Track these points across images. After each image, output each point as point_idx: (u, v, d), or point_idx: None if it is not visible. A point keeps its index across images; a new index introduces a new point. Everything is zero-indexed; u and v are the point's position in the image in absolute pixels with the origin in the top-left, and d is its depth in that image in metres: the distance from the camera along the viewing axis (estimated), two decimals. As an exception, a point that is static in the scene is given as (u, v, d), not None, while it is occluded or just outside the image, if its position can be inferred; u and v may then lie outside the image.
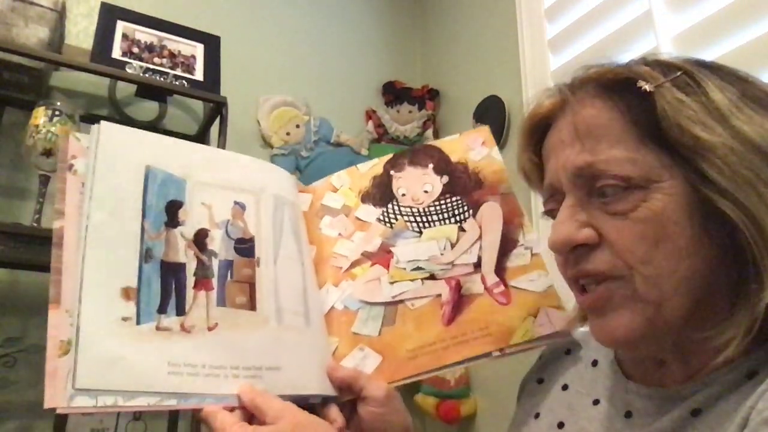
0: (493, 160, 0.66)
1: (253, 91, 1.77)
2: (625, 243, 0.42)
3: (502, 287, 0.59)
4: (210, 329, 0.51)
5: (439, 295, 0.59)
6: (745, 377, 0.41)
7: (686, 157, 0.41)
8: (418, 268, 0.61)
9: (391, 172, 0.67)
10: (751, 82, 0.44)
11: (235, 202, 0.58)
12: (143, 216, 0.52)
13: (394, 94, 1.99)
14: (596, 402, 0.53)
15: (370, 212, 0.65)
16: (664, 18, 1.13)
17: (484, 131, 0.68)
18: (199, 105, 1.64)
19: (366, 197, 0.66)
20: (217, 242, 0.55)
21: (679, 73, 0.43)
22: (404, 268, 0.61)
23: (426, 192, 0.65)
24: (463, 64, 1.89)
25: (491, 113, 1.65)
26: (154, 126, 1.58)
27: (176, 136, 1.60)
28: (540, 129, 0.51)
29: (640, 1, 1.18)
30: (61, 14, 1.35)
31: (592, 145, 0.44)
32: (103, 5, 1.43)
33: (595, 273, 0.44)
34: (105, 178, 0.51)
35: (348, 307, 0.60)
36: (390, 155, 0.68)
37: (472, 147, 0.67)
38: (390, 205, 0.65)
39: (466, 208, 0.63)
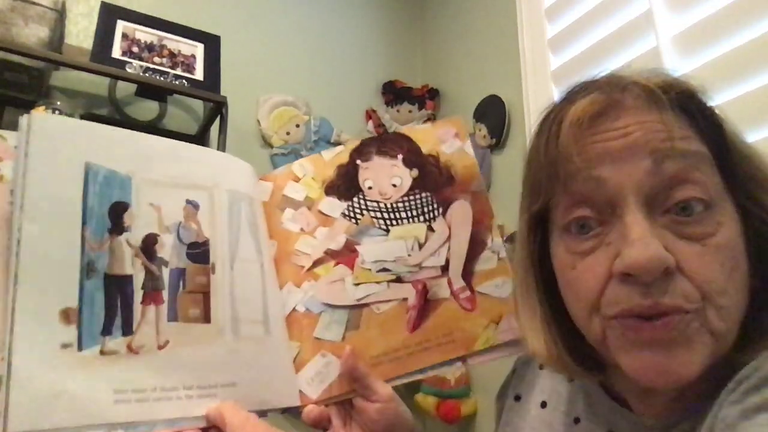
0: (465, 154, 0.61)
1: (253, 90, 1.77)
2: (706, 272, 0.37)
3: (468, 292, 0.57)
4: (160, 348, 0.46)
5: (405, 299, 0.56)
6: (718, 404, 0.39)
7: (746, 186, 0.40)
8: (384, 270, 0.58)
9: (358, 162, 0.61)
10: None
11: (187, 201, 0.52)
12: (83, 223, 0.45)
13: (394, 93, 1.99)
14: (577, 420, 0.51)
15: (335, 206, 0.60)
16: (664, 18, 1.13)
17: (458, 123, 0.63)
18: (199, 105, 1.64)
19: (330, 189, 0.60)
20: (167, 249, 0.49)
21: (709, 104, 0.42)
22: (370, 269, 0.58)
23: (394, 186, 0.60)
24: (463, 64, 1.89)
25: (491, 113, 1.65)
26: (154, 125, 1.58)
27: (176, 136, 1.62)
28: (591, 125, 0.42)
29: (640, 1, 1.18)
30: (61, 14, 1.35)
31: (672, 157, 0.38)
32: (103, 5, 1.43)
33: (672, 307, 0.36)
34: (37, 181, 0.44)
35: (310, 309, 0.56)
36: (357, 142, 0.62)
37: (443, 139, 0.62)
38: (356, 199, 0.60)
39: (435, 205, 0.59)
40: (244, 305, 0.52)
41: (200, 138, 1.60)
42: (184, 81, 1.42)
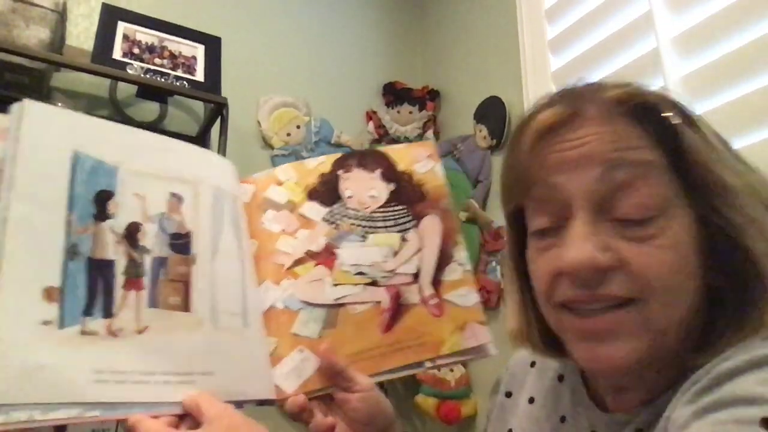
0: (436, 174, 0.66)
1: (253, 91, 1.77)
2: (650, 269, 0.40)
3: (436, 299, 0.60)
4: (140, 332, 0.47)
5: (379, 302, 0.60)
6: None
7: (703, 193, 0.42)
8: (361, 273, 0.61)
9: (339, 172, 0.65)
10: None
11: (172, 194, 0.53)
12: (69, 208, 0.46)
13: (395, 94, 1.99)
14: (563, 419, 0.54)
15: (316, 210, 0.63)
16: (664, 18, 1.13)
17: (430, 145, 0.69)
18: (199, 106, 1.64)
19: (313, 194, 0.64)
20: (150, 237, 0.51)
21: (691, 114, 0.44)
22: (348, 272, 0.61)
23: (372, 197, 0.65)
24: (464, 65, 1.89)
25: (491, 114, 1.65)
26: (154, 126, 1.58)
27: (177, 137, 1.61)
28: (549, 136, 0.45)
29: (640, 2, 1.18)
30: (61, 15, 1.35)
31: (621, 166, 0.41)
32: (104, 6, 1.43)
33: (612, 297, 0.41)
34: (27, 164, 0.45)
35: (289, 307, 0.58)
36: (339, 154, 0.67)
37: (418, 159, 0.67)
38: (336, 206, 0.64)
39: (409, 218, 0.64)
40: (223, 297, 0.53)
41: (201, 139, 1.60)
42: (184, 82, 1.42)
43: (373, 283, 0.60)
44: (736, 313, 0.40)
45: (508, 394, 0.63)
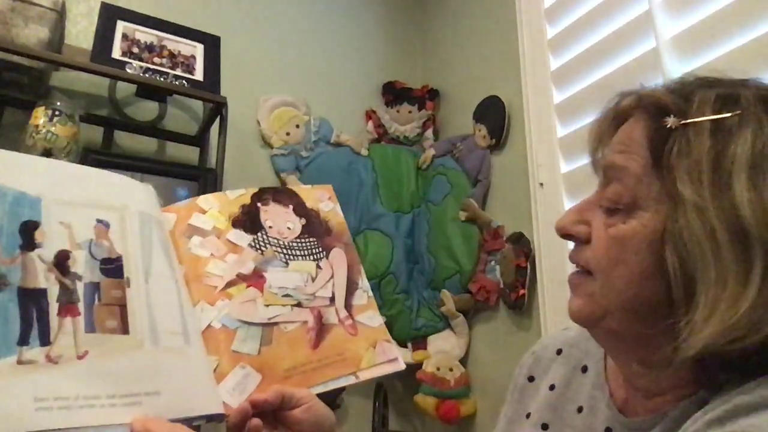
0: (337, 214, 0.75)
1: (253, 91, 1.77)
2: (597, 251, 0.48)
3: (350, 320, 0.68)
4: (80, 357, 0.47)
5: (306, 322, 0.65)
6: (696, 407, 0.42)
7: (670, 199, 0.43)
8: (288, 295, 0.66)
9: (258, 204, 0.71)
10: None
11: (98, 220, 0.54)
12: None
13: (394, 94, 1.99)
14: (580, 410, 0.55)
15: (242, 237, 0.68)
16: (664, 19, 1.13)
17: (329, 189, 0.77)
18: (199, 105, 1.64)
19: (237, 222, 0.69)
20: (80, 264, 0.51)
21: (730, 114, 0.43)
22: (276, 294, 0.65)
23: (289, 228, 0.71)
24: (463, 64, 1.89)
25: (491, 113, 1.65)
26: (153, 126, 1.58)
27: (176, 137, 1.62)
28: (614, 123, 0.53)
29: (640, 2, 1.18)
30: (61, 14, 1.35)
31: (621, 150, 0.48)
32: (103, 5, 1.43)
33: (577, 264, 0.51)
34: None
35: (226, 325, 0.61)
36: (255, 189, 0.72)
37: (321, 199, 0.76)
38: (259, 234, 0.69)
39: (320, 249, 0.71)
40: (162, 317, 0.54)
41: (200, 138, 1.60)
42: (184, 81, 1.42)
43: (299, 305, 0.66)
44: (670, 323, 0.42)
45: (531, 378, 0.65)
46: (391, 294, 1.68)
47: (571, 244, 0.52)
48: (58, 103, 1.24)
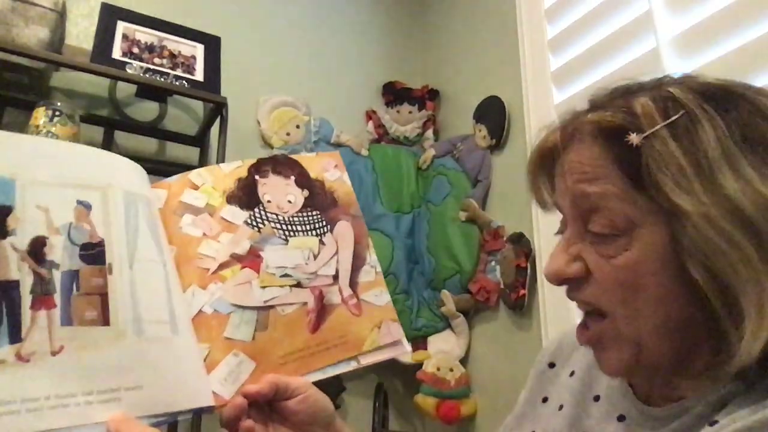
0: (344, 183, 0.69)
1: (253, 91, 1.77)
2: (607, 285, 0.45)
3: (355, 299, 0.63)
4: (54, 353, 0.44)
5: (305, 303, 0.61)
6: (718, 408, 0.42)
7: (669, 214, 0.42)
8: (286, 275, 0.62)
9: (256, 177, 0.66)
10: None
11: (78, 202, 0.50)
12: None
13: (394, 94, 1.99)
14: (597, 398, 0.55)
15: (237, 214, 0.63)
16: (664, 18, 1.13)
17: (336, 156, 0.72)
18: (199, 105, 1.64)
19: (231, 198, 0.64)
20: (58, 251, 0.47)
21: (679, 114, 0.42)
22: (273, 274, 0.61)
23: (290, 202, 0.66)
24: (463, 64, 1.89)
25: (491, 113, 1.65)
26: (154, 126, 1.58)
27: (176, 137, 1.62)
28: (550, 158, 0.52)
29: (640, 2, 1.18)
30: (61, 15, 1.35)
31: (590, 179, 0.45)
32: (104, 6, 1.43)
33: (586, 302, 0.47)
34: None
35: (218, 310, 0.57)
36: (253, 160, 0.67)
37: (326, 168, 0.70)
38: (257, 210, 0.64)
39: (324, 223, 0.66)
40: (147, 305, 0.50)
41: (200, 139, 1.60)
42: (184, 82, 1.42)
43: (298, 285, 0.62)
44: (711, 333, 0.41)
45: (551, 365, 0.64)
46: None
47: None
48: (59, 104, 1.24)
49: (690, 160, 0.41)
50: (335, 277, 0.64)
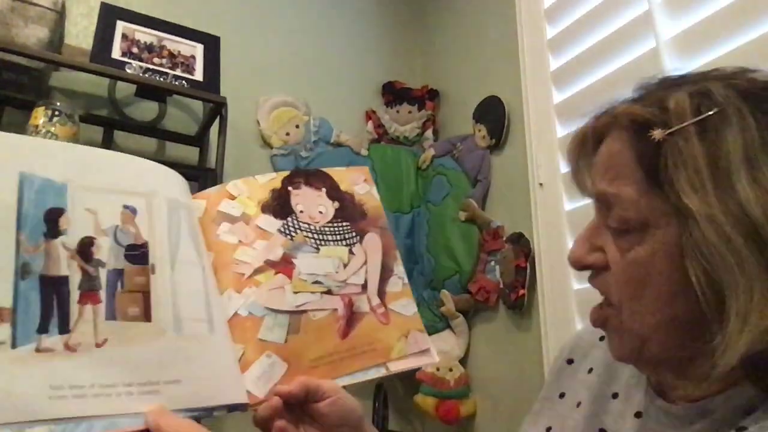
0: (372, 197, 0.72)
1: (252, 91, 1.77)
2: (619, 277, 0.46)
3: (383, 308, 0.66)
4: (98, 345, 0.47)
5: (336, 310, 0.63)
6: (744, 413, 0.42)
7: (677, 211, 0.42)
8: (317, 282, 0.64)
9: (289, 188, 0.69)
10: None
11: (125, 206, 0.54)
12: (18, 228, 0.47)
13: (394, 94, 1.99)
14: (615, 395, 0.55)
15: (271, 223, 0.66)
16: (664, 19, 1.13)
17: (365, 170, 0.75)
18: (198, 105, 1.64)
19: (266, 208, 0.67)
20: (104, 250, 0.51)
21: (710, 112, 0.41)
22: (305, 280, 0.64)
23: (321, 213, 0.69)
24: (463, 64, 1.89)
25: (491, 113, 1.65)
26: (153, 126, 1.58)
27: (176, 137, 1.62)
28: (589, 143, 0.52)
29: (640, 2, 1.18)
30: (60, 14, 1.35)
31: (611, 177, 0.47)
32: (103, 5, 1.43)
33: (600, 290, 0.48)
34: None
35: (253, 313, 0.60)
36: (286, 172, 0.71)
37: (356, 182, 0.73)
38: (289, 219, 0.67)
39: (354, 234, 0.69)
40: (186, 304, 0.53)
41: (200, 138, 1.60)
42: (183, 82, 1.42)
43: (329, 292, 0.64)
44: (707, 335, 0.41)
45: (570, 361, 0.65)
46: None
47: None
48: (58, 103, 1.24)
49: (708, 161, 0.40)
50: (364, 287, 0.66)
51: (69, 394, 0.43)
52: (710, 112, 0.41)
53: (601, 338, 0.63)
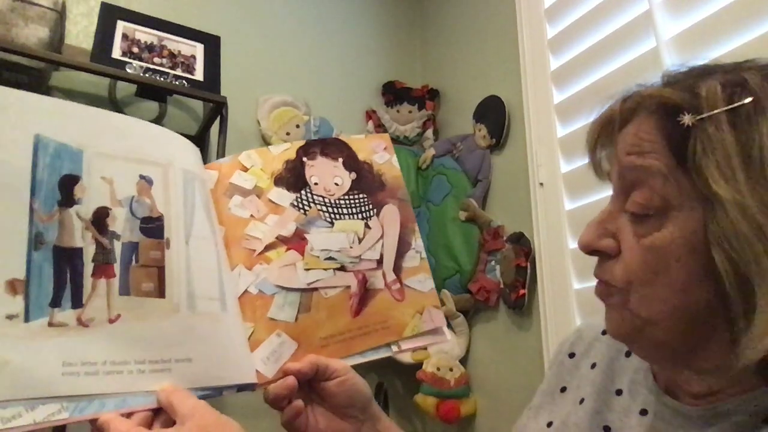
0: (393, 166, 0.69)
1: (253, 91, 1.77)
2: (631, 263, 0.44)
3: (398, 285, 0.63)
4: (111, 321, 0.45)
5: (349, 287, 0.61)
6: (762, 420, 0.41)
7: (703, 197, 0.41)
8: (331, 258, 0.62)
9: (304, 159, 0.66)
10: None
11: (141, 176, 0.51)
12: (32, 194, 0.44)
13: (394, 94, 1.99)
14: (619, 392, 0.55)
15: (284, 196, 0.64)
16: (664, 19, 1.13)
17: (386, 138, 0.71)
18: (199, 105, 1.64)
19: (279, 180, 0.65)
20: (119, 222, 0.49)
21: (744, 101, 0.40)
22: (318, 257, 0.62)
23: (336, 185, 0.66)
24: (463, 64, 1.89)
25: (491, 113, 1.65)
26: (154, 126, 1.58)
27: (176, 136, 1.61)
28: (611, 128, 0.50)
29: (640, 2, 1.18)
30: (61, 14, 1.35)
31: (639, 151, 0.45)
32: (103, 5, 1.43)
33: (605, 281, 0.47)
34: None
35: (263, 291, 0.58)
36: (302, 141, 0.68)
37: (375, 150, 0.69)
38: (303, 192, 0.65)
39: (370, 206, 0.66)
40: (200, 281, 0.52)
41: (200, 138, 1.60)
42: (184, 81, 1.42)
43: (342, 268, 0.62)
44: (729, 326, 0.40)
45: (572, 355, 0.64)
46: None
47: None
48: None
49: (740, 150, 0.39)
50: (379, 262, 0.64)
51: (81, 371, 0.42)
52: (744, 101, 0.40)
53: (603, 332, 0.62)
